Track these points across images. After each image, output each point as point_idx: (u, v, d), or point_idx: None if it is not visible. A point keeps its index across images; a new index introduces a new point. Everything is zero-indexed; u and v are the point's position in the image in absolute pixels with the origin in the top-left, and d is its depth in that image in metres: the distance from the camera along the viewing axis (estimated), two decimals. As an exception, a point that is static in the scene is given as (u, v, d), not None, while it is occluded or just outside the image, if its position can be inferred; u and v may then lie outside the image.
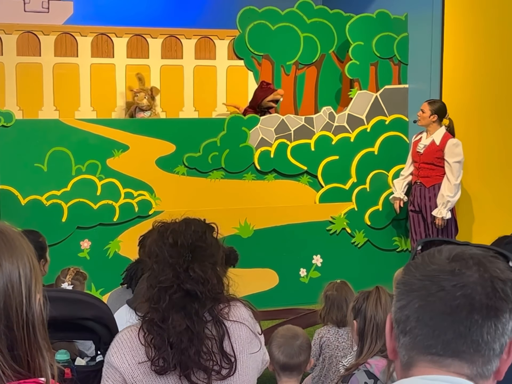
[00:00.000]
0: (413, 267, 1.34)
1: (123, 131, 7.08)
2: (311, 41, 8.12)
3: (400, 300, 1.32)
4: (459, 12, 7.51)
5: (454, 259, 1.30)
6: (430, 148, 7.21)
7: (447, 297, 1.27)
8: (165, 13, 8.70)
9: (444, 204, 7.05)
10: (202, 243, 2.52)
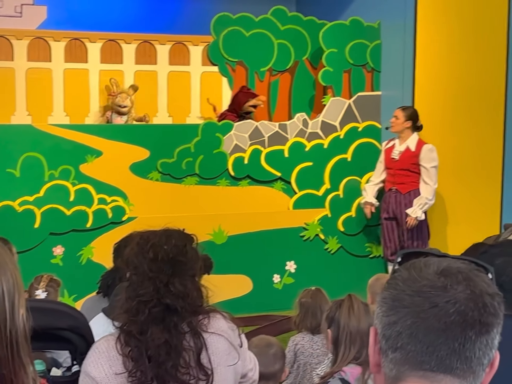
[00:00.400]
0: (400, 281, 1.33)
1: (96, 137, 7.06)
2: (285, 47, 8.16)
3: (389, 315, 1.31)
4: (431, 19, 7.58)
5: (443, 274, 1.31)
6: (405, 154, 7.26)
7: (440, 313, 1.27)
8: (139, 18, 8.70)
9: (421, 205, 7.12)
10: (183, 258, 2.51)
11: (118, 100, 7.60)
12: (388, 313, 1.32)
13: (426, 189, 7.16)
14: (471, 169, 7.49)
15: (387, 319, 1.32)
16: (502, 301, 1.32)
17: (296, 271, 7.60)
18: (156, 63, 8.04)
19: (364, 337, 3.38)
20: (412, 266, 1.35)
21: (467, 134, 7.47)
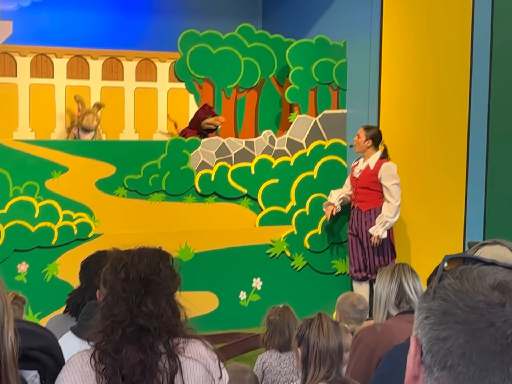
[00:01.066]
0: (451, 292, 1.21)
1: (62, 152, 7.01)
2: (252, 65, 8.20)
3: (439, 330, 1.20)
4: (396, 38, 7.68)
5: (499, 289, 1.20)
6: (365, 172, 7.34)
7: (497, 334, 1.16)
8: (106, 34, 8.68)
9: (382, 223, 7.18)
10: (156, 277, 2.49)
11: (85, 122, 7.57)
12: (436, 327, 1.20)
13: (388, 207, 7.22)
14: (435, 188, 7.57)
15: (435, 333, 1.20)
16: None
17: (262, 288, 7.61)
18: (123, 79, 8.02)
19: (333, 356, 3.39)
20: (465, 276, 1.23)
21: (432, 152, 7.56)
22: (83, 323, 3.23)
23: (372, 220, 7.28)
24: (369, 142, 7.30)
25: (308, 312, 3.82)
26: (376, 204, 7.31)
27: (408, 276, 3.55)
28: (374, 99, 7.79)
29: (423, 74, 7.58)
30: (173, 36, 8.03)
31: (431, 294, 1.24)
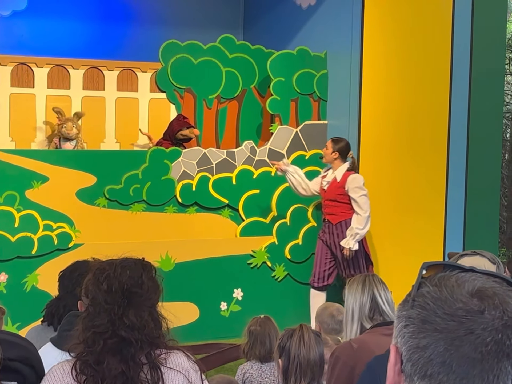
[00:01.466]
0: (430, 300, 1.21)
1: (43, 162, 6.99)
2: (233, 75, 8.22)
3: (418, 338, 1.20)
4: (377, 50, 7.72)
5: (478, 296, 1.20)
6: (332, 185, 7.34)
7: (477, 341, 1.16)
8: (87, 44, 8.67)
9: (353, 236, 7.19)
10: (138, 289, 2.49)
11: (64, 130, 7.54)
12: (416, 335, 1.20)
13: (357, 219, 7.22)
14: (416, 198, 7.61)
15: (415, 341, 1.20)
16: None
17: (243, 298, 7.60)
18: (104, 89, 8.01)
19: (314, 368, 3.40)
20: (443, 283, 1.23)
21: (412, 162, 7.60)
22: (63, 334, 3.22)
23: (343, 232, 7.28)
24: (336, 154, 7.30)
25: (289, 322, 3.84)
26: (345, 216, 7.31)
27: (380, 287, 3.47)
28: (355, 110, 7.82)
29: (403, 85, 7.63)
30: (155, 46, 8.04)
31: (410, 302, 1.23)
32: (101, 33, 8.85)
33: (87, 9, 8.88)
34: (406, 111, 7.61)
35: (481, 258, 4.73)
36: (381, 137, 7.69)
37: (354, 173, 7.31)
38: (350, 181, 7.25)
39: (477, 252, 4.76)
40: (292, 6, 8.76)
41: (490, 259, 4.71)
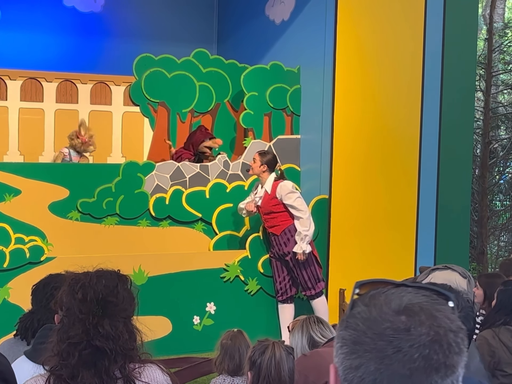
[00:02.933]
0: (360, 321, 1.26)
1: (15, 175, 6.95)
2: (207, 89, 8.25)
3: (351, 359, 1.25)
4: (350, 65, 7.79)
5: (405, 313, 1.25)
6: (264, 198, 7.36)
7: (405, 359, 1.21)
8: (61, 57, 8.66)
9: (302, 239, 7.23)
10: (113, 298, 2.48)
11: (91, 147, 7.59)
12: (349, 356, 1.26)
13: (300, 222, 7.26)
14: (387, 213, 7.67)
15: (348, 362, 1.26)
16: (466, 335, 1.28)
17: (216, 312, 7.59)
18: (78, 102, 7.99)
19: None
20: (372, 302, 1.28)
21: (384, 176, 7.67)
22: (38, 347, 3.20)
23: (290, 240, 7.33)
24: (264, 167, 7.34)
25: (262, 336, 3.84)
26: (287, 224, 7.35)
27: (315, 328, 4.14)
28: (328, 125, 7.87)
29: (376, 100, 7.70)
30: (128, 60, 8.05)
31: (344, 323, 1.29)
32: (75, 46, 8.85)
33: (60, 23, 8.88)
34: (379, 126, 7.69)
35: (452, 272, 4.77)
36: (354, 151, 7.75)
37: (281, 181, 7.35)
38: (280, 189, 7.29)
39: (448, 267, 4.81)
40: (266, 21, 8.82)
41: (461, 273, 4.76)
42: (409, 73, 7.55)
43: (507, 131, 15.30)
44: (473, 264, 12.66)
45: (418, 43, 7.47)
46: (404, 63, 7.58)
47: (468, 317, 2.62)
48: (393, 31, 7.62)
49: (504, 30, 14.92)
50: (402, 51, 7.59)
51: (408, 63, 7.55)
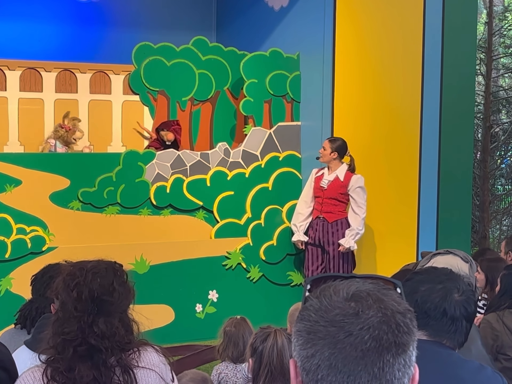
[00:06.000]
0: (312, 312, 1.33)
1: (15, 165, 6.94)
2: (206, 77, 8.23)
3: (307, 348, 1.32)
4: (349, 51, 7.77)
5: (353, 299, 1.32)
6: (334, 183, 7.38)
7: (356, 341, 1.28)
8: (60, 47, 8.62)
9: (353, 236, 7.25)
10: (109, 297, 2.47)
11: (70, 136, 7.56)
12: (305, 346, 1.32)
13: (356, 219, 7.29)
14: (388, 197, 7.67)
15: (304, 352, 1.32)
16: (414, 317, 1.35)
17: (218, 300, 7.60)
18: (77, 92, 7.97)
19: (287, 374, 3.41)
20: (322, 294, 1.36)
21: (385, 163, 7.66)
22: (38, 336, 3.21)
23: (338, 231, 7.33)
24: (335, 154, 7.37)
25: (264, 323, 3.84)
26: (341, 216, 7.38)
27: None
28: (328, 111, 7.85)
29: (376, 86, 7.68)
30: (127, 49, 8.03)
31: (298, 317, 1.36)
32: (74, 36, 8.81)
33: (59, 12, 8.84)
34: (379, 111, 7.67)
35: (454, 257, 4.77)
36: (354, 137, 7.74)
37: (356, 174, 7.36)
38: (355, 181, 7.33)
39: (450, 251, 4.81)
40: (264, 8, 8.78)
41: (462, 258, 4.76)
42: (409, 57, 7.52)
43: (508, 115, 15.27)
44: (475, 249, 12.66)
45: (417, 27, 7.44)
46: (404, 47, 7.55)
47: (469, 301, 2.61)
48: (392, 16, 7.59)
49: (504, 14, 14.88)
50: (402, 35, 7.56)
51: (408, 48, 7.53)
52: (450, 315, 2.56)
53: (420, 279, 2.67)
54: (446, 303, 2.57)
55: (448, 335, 2.56)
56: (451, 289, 2.61)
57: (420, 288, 2.61)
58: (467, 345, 2.78)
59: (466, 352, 2.97)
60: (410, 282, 2.66)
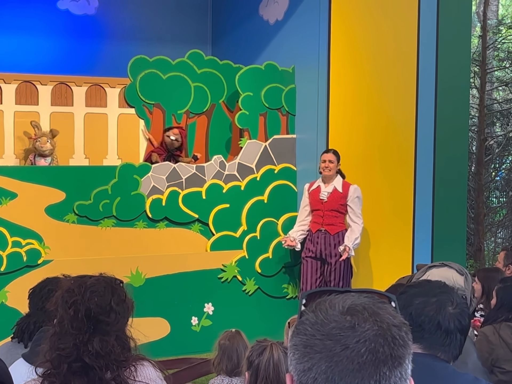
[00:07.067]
0: (308, 326, 1.34)
1: (11, 178, 6.95)
2: (202, 90, 8.26)
3: (303, 362, 1.32)
4: (344, 64, 7.79)
5: (349, 313, 1.33)
6: (333, 195, 7.39)
7: (352, 354, 1.28)
8: (55, 60, 8.65)
9: (352, 242, 7.24)
10: (105, 317, 2.47)
11: (38, 144, 7.50)
12: (301, 360, 1.32)
13: (356, 227, 7.31)
14: (384, 211, 7.68)
15: (301, 366, 1.32)
16: (409, 330, 1.36)
17: (214, 313, 7.60)
18: (73, 105, 7.98)
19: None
20: (318, 308, 1.36)
21: (379, 176, 7.67)
22: (35, 349, 3.21)
23: (340, 243, 7.33)
24: (339, 165, 7.41)
25: (260, 336, 3.84)
26: (342, 227, 7.42)
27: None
28: (323, 124, 7.88)
29: (371, 99, 7.70)
30: (123, 62, 8.05)
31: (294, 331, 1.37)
32: (69, 49, 8.84)
33: (55, 25, 8.87)
34: (374, 124, 7.69)
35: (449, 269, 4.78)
36: (349, 151, 7.76)
37: (351, 183, 7.39)
38: (353, 191, 7.36)
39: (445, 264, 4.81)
40: (260, 22, 8.82)
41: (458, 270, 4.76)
42: (404, 71, 7.55)
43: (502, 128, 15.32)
44: (470, 261, 12.67)
45: (412, 41, 7.47)
46: (399, 61, 7.58)
47: (463, 314, 2.62)
48: (387, 29, 7.62)
49: (498, 27, 14.95)
50: (397, 49, 7.59)
51: (403, 61, 7.55)
52: (444, 328, 2.57)
53: (414, 292, 2.67)
54: (440, 316, 2.58)
55: (443, 348, 2.57)
56: (445, 302, 2.62)
57: (414, 301, 2.61)
58: (463, 358, 2.79)
59: (462, 365, 2.98)
60: (404, 295, 2.66)
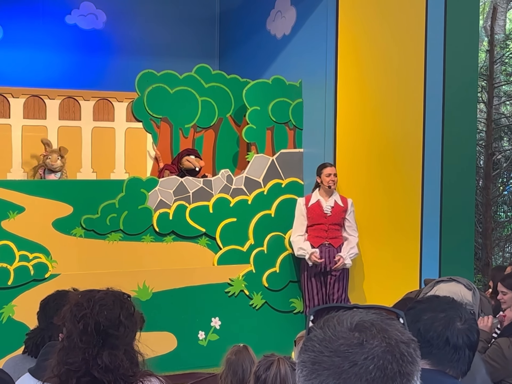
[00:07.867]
0: (317, 342, 1.33)
1: (19, 192, 6.96)
2: (209, 105, 8.27)
3: (311, 379, 1.32)
4: (351, 79, 7.81)
5: (357, 329, 1.32)
6: (336, 209, 7.45)
7: (361, 371, 1.27)
8: (63, 74, 8.69)
9: (350, 252, 7.34)
10: (114, 331, 2.48)
11: (49, 161, 7.53)
12: (309, 377, 1.32)
13: (354, 240, 7.46)
14: (391, 226, 7.66)
15: (309, 382, 1.32)
16: (418, 346, 1.35)
17: (221, 327, 7.58)
18: (80, 119, 8.01)
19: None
20: (326, 324, 1.36)
21: (387, 190, 7.66)
22: (42, 364, 3.20)
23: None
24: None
25: (267, 351, 3.83)
26: (342, 240, 7.54)
27: None
28: (330, 138, 7.88)
29: (378, 114, 7.71)
30: (131, 76, 8.07)
31: (302, 348, 1.36)
32: (77, 64, 8.88)
33: (63, 40, 8.92)
34: (381, 138, 7.69)
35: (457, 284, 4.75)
36: (356, 165, 7.76)
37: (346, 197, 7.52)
38: (351, 205, 7.51)
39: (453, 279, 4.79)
40: (267, 36, 8.85)
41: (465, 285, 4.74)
42: (411, 85, 7.55)
43: (510, 142, 15.30)
44: (478, 276, 12.63)
45: (419, 56, 7.47)
46: (406, 76, 7.58)
47: (472, 329, 2.61)
48: (394, 44, 7.63)
49: (506, 42, 14.95)
50: (404, 64, 7.60)
51: (410, 76, 7.56)
52: (452, 344, 2.55)
53: (422, 308, 2.67)
54: (448, 332, 2.57)
55: (451, 364, 2.55)
56: (454, 317, 2.61)
57: (422, 317, 2.60)
58: (471, 374, 2.77)
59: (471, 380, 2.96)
60: (412, 311, 2.65)
